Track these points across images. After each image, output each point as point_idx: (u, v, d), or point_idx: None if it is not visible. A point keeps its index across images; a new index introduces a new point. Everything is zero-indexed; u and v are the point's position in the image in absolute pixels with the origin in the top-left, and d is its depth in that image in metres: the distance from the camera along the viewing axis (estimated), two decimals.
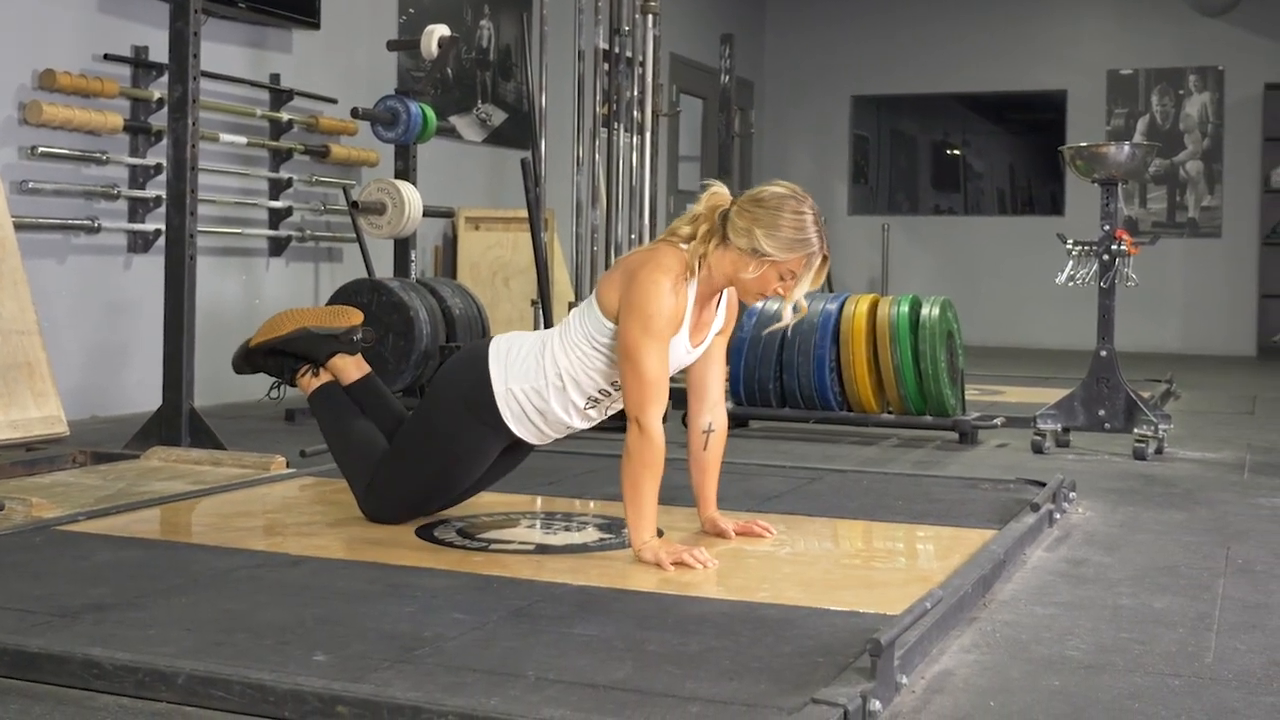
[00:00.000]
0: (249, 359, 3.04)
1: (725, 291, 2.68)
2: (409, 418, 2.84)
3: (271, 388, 3.08)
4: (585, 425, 2.72)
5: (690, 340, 2.62)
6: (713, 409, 2.76)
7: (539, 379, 2.63)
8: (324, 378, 2.96)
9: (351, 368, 2.97)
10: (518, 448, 2.79)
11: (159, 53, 4.88)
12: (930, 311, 4.65)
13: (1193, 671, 1.98)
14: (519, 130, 7.40)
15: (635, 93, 5.33)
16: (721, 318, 2.71)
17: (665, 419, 2.60)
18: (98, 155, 4.89)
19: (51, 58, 4.76)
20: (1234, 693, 1.89)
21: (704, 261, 2.54)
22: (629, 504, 2.51)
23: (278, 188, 5.82)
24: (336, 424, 2.90)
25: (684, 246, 2.56)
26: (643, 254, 2.60)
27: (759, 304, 4.97)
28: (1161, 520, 3.22)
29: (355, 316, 2.99)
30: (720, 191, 2.61)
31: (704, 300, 2.62)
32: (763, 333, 3.78)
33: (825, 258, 2.54)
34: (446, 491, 2.81)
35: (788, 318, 2.67)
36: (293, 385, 3.01)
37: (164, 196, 4.30)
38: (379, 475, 2.79)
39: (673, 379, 2.61)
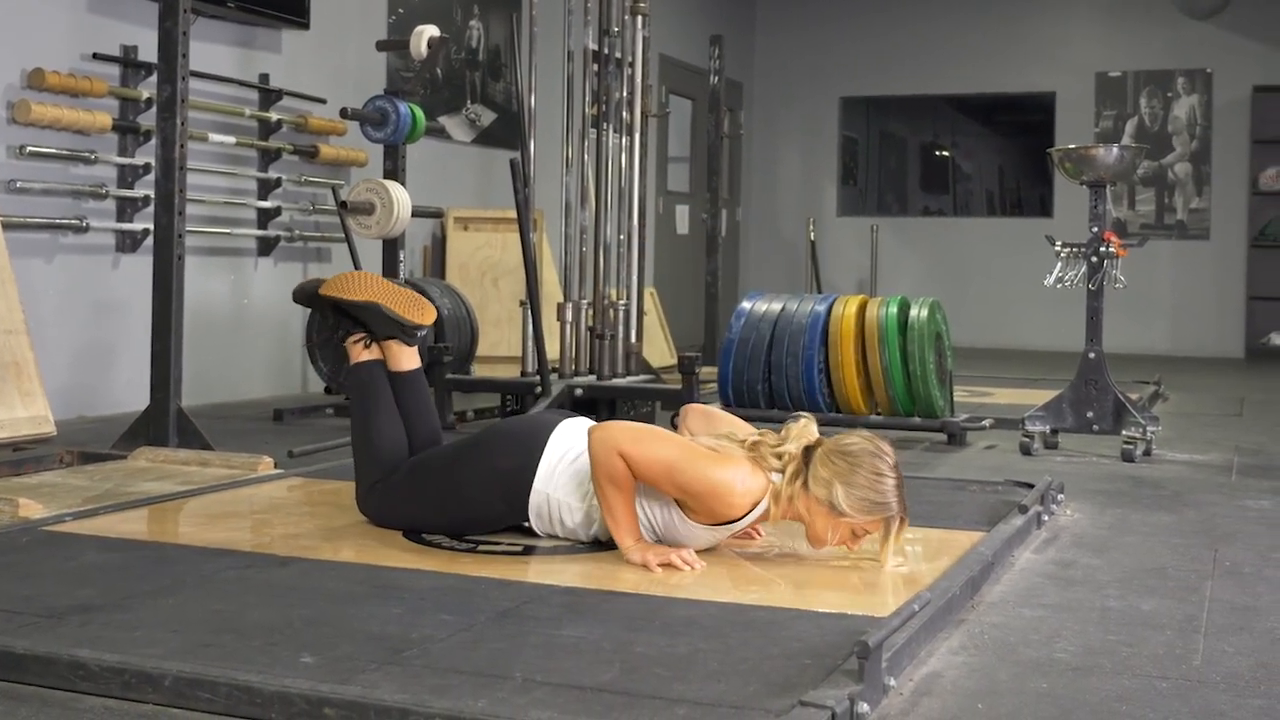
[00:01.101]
0: (312, 301, 2.96)
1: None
2: (443, 454, 2.77)
3: (323, 336, 2.97)
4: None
5: (717, 536, 2.57)
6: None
7: (576, 499, 2.60)
8: (375, 353, 2.89)
9: (404, 357, 2.90)
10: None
11: (148, 52, 4.86)
12: (919, 313, 4.65)
13: (1180, 674, 1.99)
14: (508, 131, 7.39)
15: (624, 93, 5.33)
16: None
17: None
18: (86, 155, 4.88)
19: (40, 57, 4.74)
20: (1222, 695, 1.89)
21: (789, 500, 2.47)
22: (605, 513, 2.52)
23: (266, 187, 5.80)
24: (367, 407, 2.83)
25: (774, 476, 2.48)
26: (736, 455, 2.49)
27: (746, 305, 4.97)
28: (1149, 522, 3.23)
29: (430, 314, 2.90)
30: (810, 428, 2.52)
31: (759, 522, 2.57)
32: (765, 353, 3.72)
33: (904, 520, 2.47)
34: (444, 530, 2.76)
35: (888, 566, 2.52)
36: (342, 343, 2.93)
37: (152, 196, 4.29)
38: (390, 486, 2.76)
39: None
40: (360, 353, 2.89)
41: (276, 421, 4.96)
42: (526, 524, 2.69)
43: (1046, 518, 3.13)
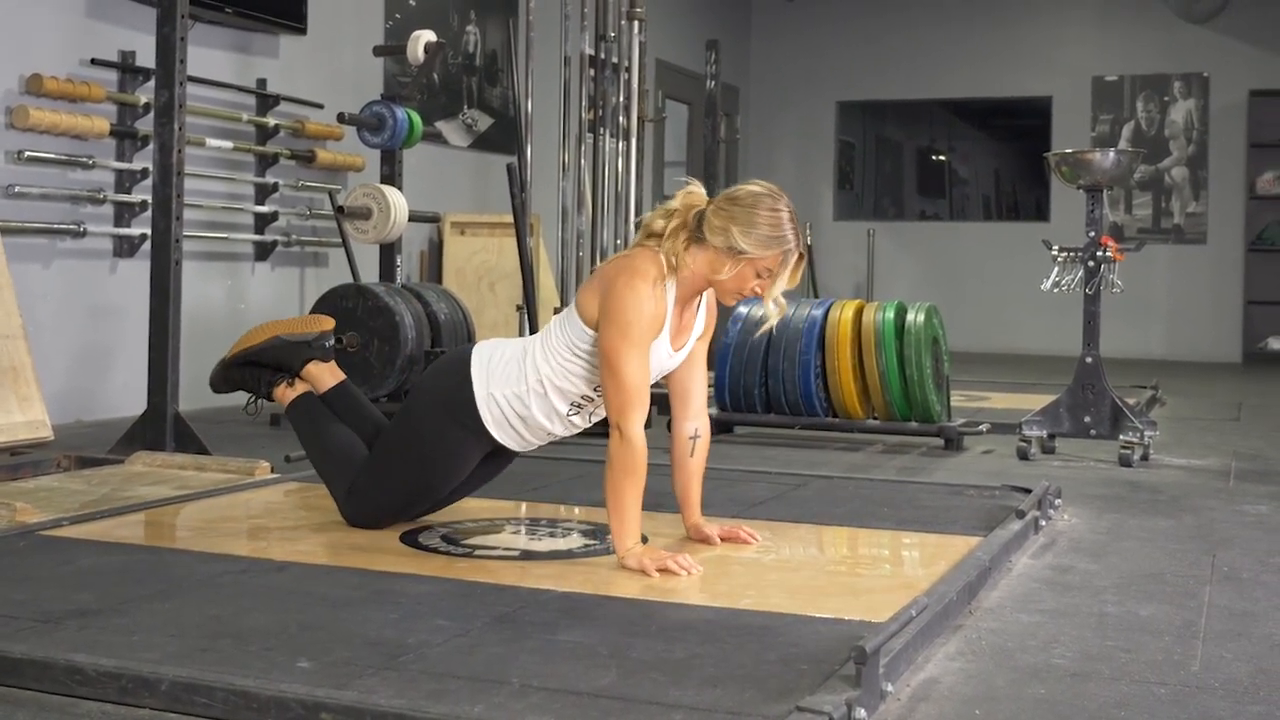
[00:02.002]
0: (226, 375, 3.06)
1: (705, 295, 2.68)
2: (390, 422, 2.83)
3: (248, 403, 3.08)
4: (567, 432, 2.72)
5: (672, 344, 2.62)
6: (697, 416, 2.76)
7: (520, 385, 2.64)
8: (300, 388, 2.97)
9: (326, 375, 2.97)
10: (500, 454, 2.79)
11: (146, 57, 4.86)
12: (915, 317, 4.65)
13: (1179, 680, 1.99)
14: (505, 135, 7.39)
15: (621, 98, 5.33)
16: (702, 322, 2.71)
17: (649, 425, 2.60)
18: (84, 160, 4.88)
19: (38, 62, 4.74)
20: (1220, 701, 1.89)
21: (680, 262, 2.54)
22: (612, 511, 2.51)
23: (263, 192, 5.80)
24: (314, 432, 2.90)
25: (660, 248, 2.56)
26: (620, 260, 2.60)
27: (743, 309, 4.98)
28: (1147, 527, 3.23)
29: (326, 323, 3.01)
30: (696, 191, 2.62)
31: (683, 302, 2.62)
32: (753, 337, 3.79)
33: (801, 255, 2.56)
34: (427, 497, 2.80)
35: (771, 316, 2.67)
36: (269, 399, 3.01)
37: (150, 201, 4.28)
38: (359, 480, 2.79)
39: (655, 384, 2.61)
40: (287, 394, 2.97)
41: (273, 427, 4.96)
42: (497, 446, 2.70)
43: (1044, 523, 3.13)
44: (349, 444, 2.85)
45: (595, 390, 2.63)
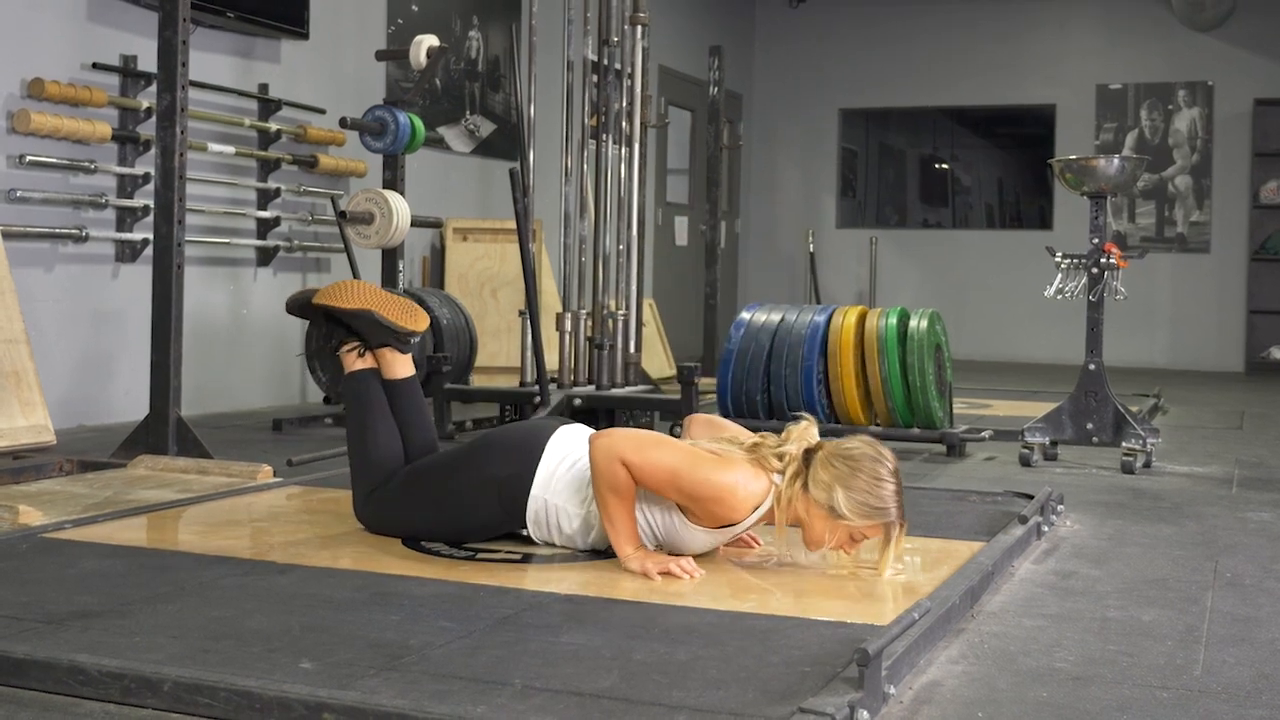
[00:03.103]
0: (304, 310, 2.96)
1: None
2: (440, 460, 2.77)
3: (317, 346, 2.99)
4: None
5: (718, 539, 2.58)
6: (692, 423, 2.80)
7: (577, 506, 2.60)
8: (369, 362, 2.89)
9: (399, 365, 2.89)
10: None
11: (148, 62, 4.87)
12: (918, 324, 4.65)
13: (1181, 684, 1.98)
14: (507, 141, 7.40)
15: (624, 104, 5.34)
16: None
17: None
18: (86, 164, 4.88)
19: (40, 67, 4.75)
20: (1223, 705, 1.89)
21: (788, 502, 2.47)
22: (605, 521, 2.51)
23: (266, 197, 5.81)
24: (362, 416, 2.83)
25: (775, 478, 2.49)
26: (739, 459, 2.49)
27: (745, 315, 4.98)
28: (1149, 534, 3.23)
29: (423, 320, 2.90)
30: (812, 430, 2.53)
31: (759, 524, 2.57)
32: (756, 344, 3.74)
33: (903, 525, 2.47)
34: (441, 537, 2.76)
35: (886, 575, 2.52)
36: (335, 353, 2.93)
37: (152, 206, 4.29)
38: (387, 493, 2.76)
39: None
40: (354, 361, 2.89)
41: (275, 431, 4.96)
42: (524, 531, 2.69)
43: (1046, 528, 3.13)
44: (389, 448, 2.80)
45: (648, 540, 2.57)
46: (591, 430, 2.71)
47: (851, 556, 2.53)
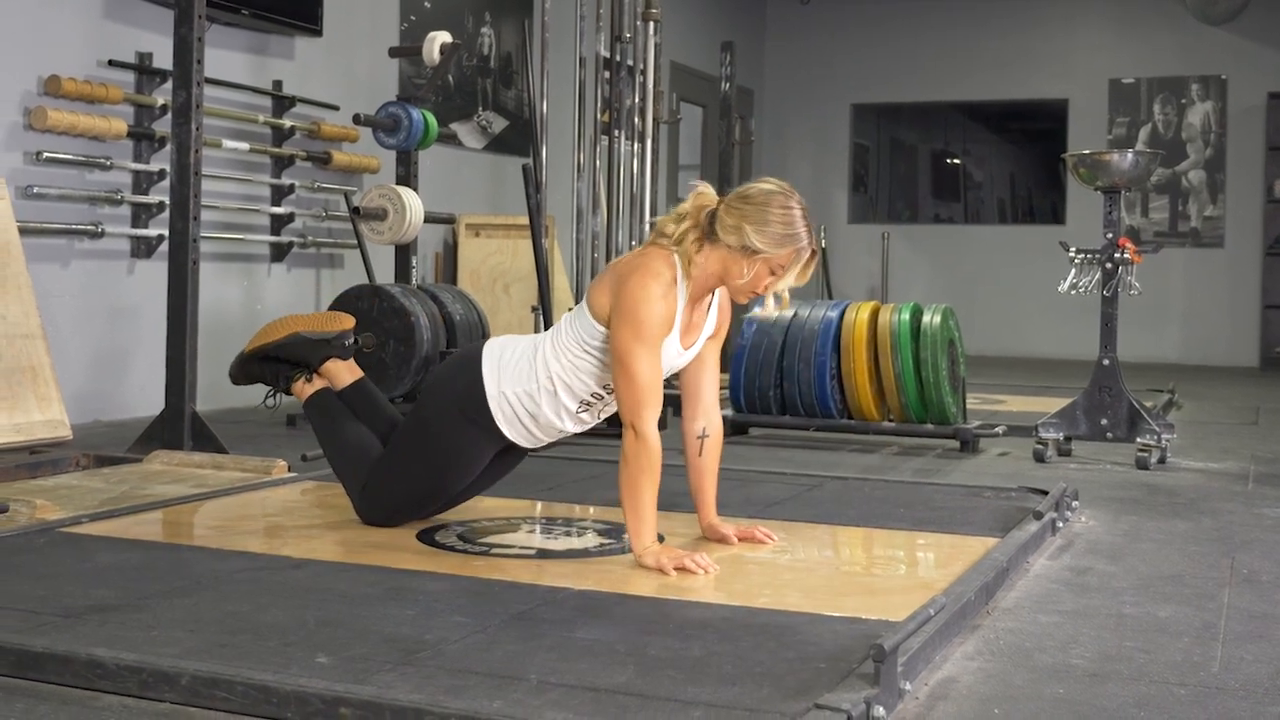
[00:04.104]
0: (244, 368, 3.06)
1: (717, 295, 2.68)
2: (403, 420, 2.84)
3: (267, 396, 3.09)
4: (577, 429, 2.72)
5: (681, 342, 2.62)
6: (706, 413, 2.76)
7: (531, 382, 2.64)
8: (318, 384, 2.98)
9: (344, 372, 2.98)
10: (510, 451, 2.79)
11: (163, 59, 4.88)
12: (931, 320, 4.65)
13: (1198, 681, 1.98)
14: (519, 137, 7.40)
15: (636, 100, 5.34)
16: (714, 321, 2.71)
17: (664, 425, 2.60)
18: (102, 160, 4.90)
19: (57, 64, 4.76)
20: (1240, 703, 1.88)
21: (692, 262, 2.54)
22: (628, 510, 2.51)
23: (280, 194, 5.82)
24: (330, 429, 2.91)
25: (673, 248, 2.56)
26: (632, 259, 2.60)
27: (759, 310, 4.97)
28: (1165, 530, 3.22)
29: (347, 321, 3.01)
30: (706, 191, 2.61)
31: (694, 301, 2.62)
32: (746, 315, 3.77)
33: (814, 252, 2.56)
34: (440, 494, 2.81)
35: (769, 307, 2.67)
36: (288, 393, 3.02)
37: (167, 202, 4.30)
38: (374, 478, 2.80)
39: (668, 383, 2.61)
40: (305, 389, 2.98)
41: (289, 426, 4.98)
42: (509, 443, 2.71)
43: (1061, 524, 3.12)
44: (364, 442, 2.86)
45: (605, 388, 2.63)
46: (514, 335, 2.80)
47: (773, 289, 2.57)
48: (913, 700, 1.85)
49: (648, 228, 5.37)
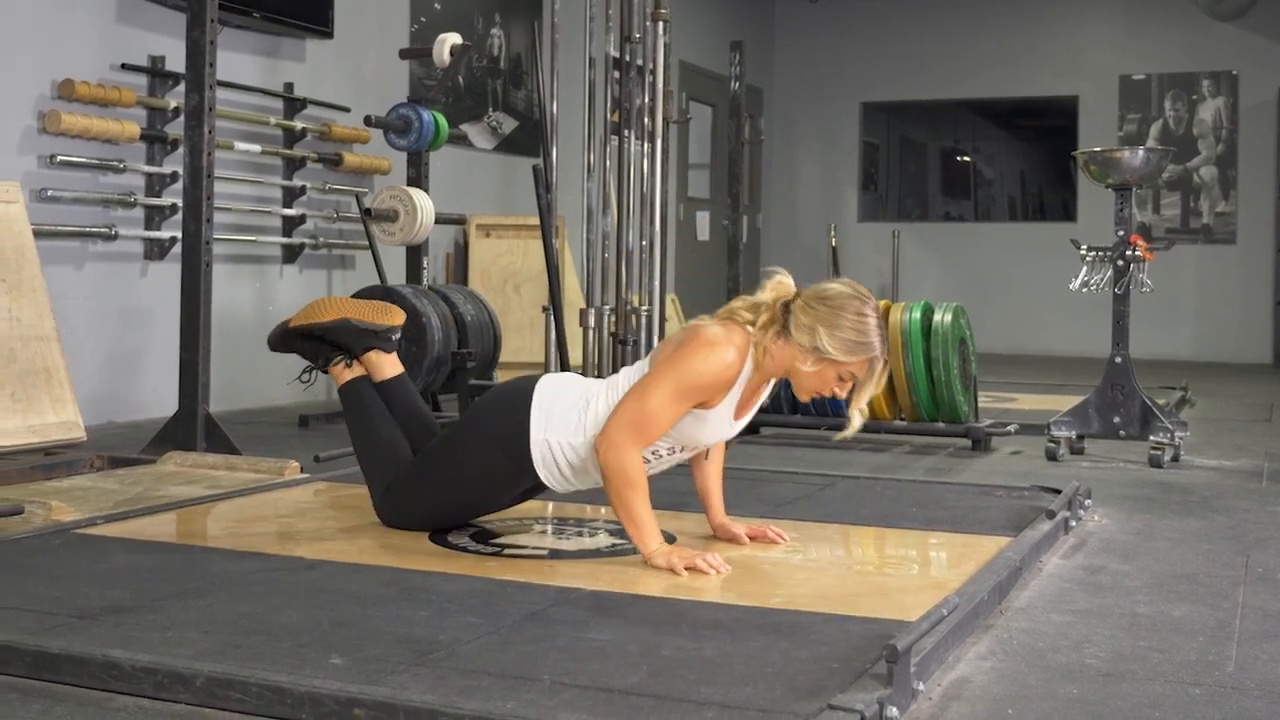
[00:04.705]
0: (286, 340, 3.02)
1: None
2: (441, 438, 2.80)
3: (303, 372, 3.06)
4: None
5: (736, 415, 2.61)
6: None
7: (578, 435, 2.61)
8: (357, 370, 2.94)
9: (386, 365, 2.94)
10: (538, 486, 2.78)
11: (175, 62, 4.90)
12: (943, 318, 4.64)
13: (1214, 680, 1.97)
14: (530, 138, 7.41)
15: (646, 100, 5.33)
16: (767, 395, 2.71)
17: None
18: (115, 163, 4.92)
19: (70, 67, 4.78)
20: (1257, 702, 1.88)
21: (767, 351, 2.52)
22: (625, 522, 2.52)
23: (291, 195, 5.84)
24: (363, 420, 2.87)
25: (750, 330, 2.54)
26: (713, 323, 2.57)
27: (843, 434, 4.96)
28: (1179, 528, 3.21)
29: (398, 315, 2.96)
30: (786, 281, 2.58)
31: (756, 384, 2.60)
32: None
33: (886, 362, 2.53)
34: (461, 514, 2.81)
35: (856, 424, 2.61)
36: (325, 372, 2.98)
37: (180, 204, 4.32)
38: (400, 483, 2.79)
39: None
40: (344, 374, 2.95)
41: (302, 427, 4.99)
42: (539, 483, 2.69)
43: (1074, 523, 3.12)
44: (394, 443, 2.83)
45: (654, 453, 2.59)
46: (574, 375, 2.77)
47: (856, 404, 2.56)
48: (926, 700, 1.85)
49: (658, 228, 5.36)
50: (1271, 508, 3.52)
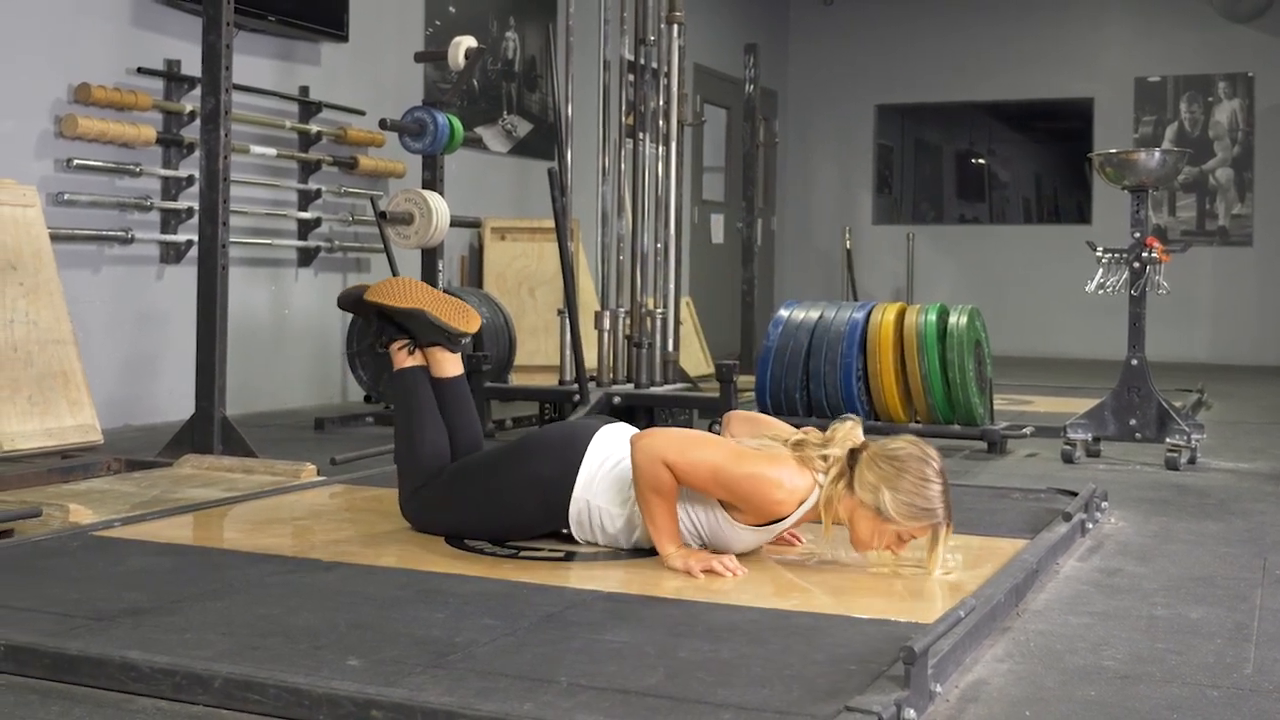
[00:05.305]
0: (357, 307, 2.98)
1: None
2: (486, 458, 2.79)
3: (366, 343, 3.01)
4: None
5: (763, 538, 2.58)
6: (730, 424, 2.80)
7: (620, 506, 2.61)
8: (418, 359, 2.91)
9: (449, 363, 2.91)
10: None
11: (191, 66, 4.92)
12: (958, 320, 4.63)
13: (1231, 683, 1.97)
14: (544, 141, 7.42)
15: (660, 103, 5.34)
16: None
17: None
18: (131, 167, 4.94)
19: (86, 72, 4.81)
20: (1275, 704, 1.87)
21: (831, 500, 2.47)
22: (646, 520, 2.53)
23: (307, 199, 5.85)
24: (411, 413, 2.85)
25: (820, 476, 2.49)
26: (788, 452, 2.51)
27: (784, 312, 4.97)
28: (1196, 530, 3.20)
29: (475, 322, 2.92)
30: (857, 430, 2.53)
31: (806, 519, 2.56)
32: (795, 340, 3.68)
33: (949, 528, 2.47)
34: (484, 535, 2.78)
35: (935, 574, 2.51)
36: (384, 349, 2.94)
37: (196, 208, 4.33)
38: (431, 490, 2.78)
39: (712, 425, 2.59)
40: (404, 359, 2.91)
41: (318, 430, 5.00)
42: (566, 530, 2.70)
43: (1091, 525, 3.11)
44: (436, 447, 2.82)
45: (693, 539, 2.58)
46: (634, 430, 2.71)
47: (898, 558, 2.52)
48: (943, 703, 1.85)
49: (672, 231, 5.36)
50: None
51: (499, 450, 2.81)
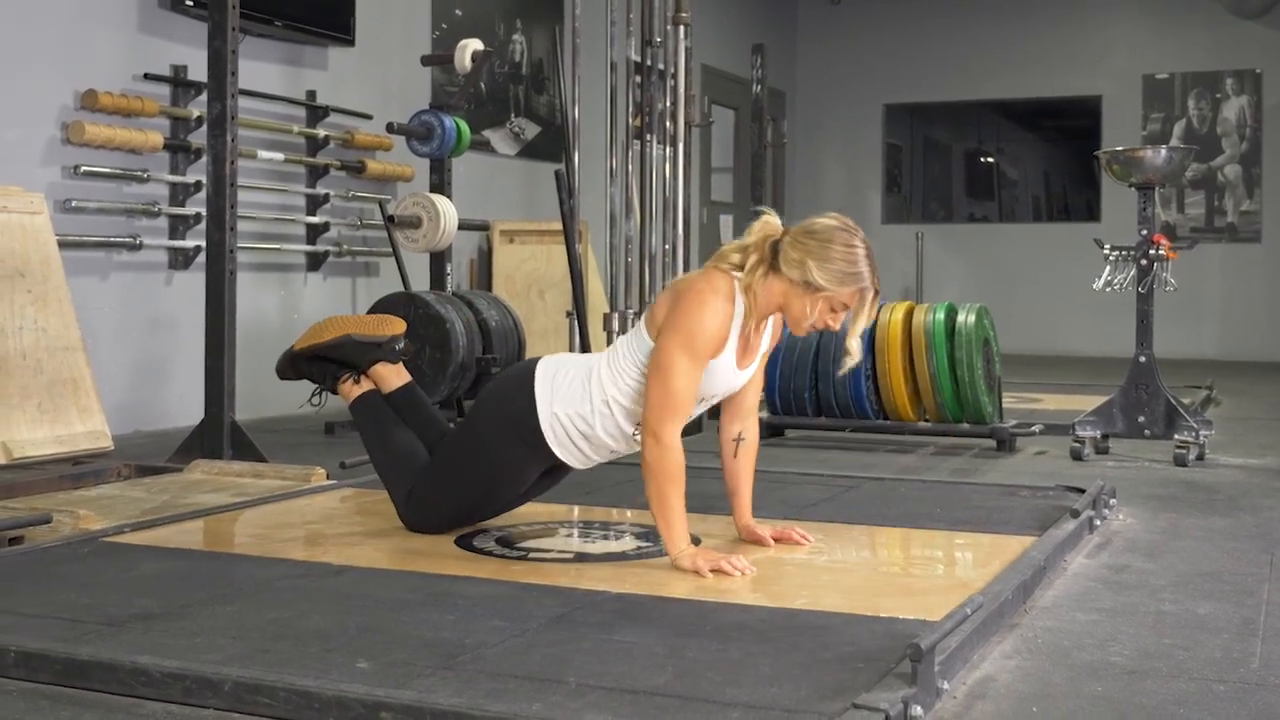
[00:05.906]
0: (293, 365, 3.07)
1: (771, 316, 2.68)
2: (453, 432, 2.86)
3: (313, 394, 3.10)
4: (631, 450, 2.72)
5: (738, 364, 2.63)
6: (744, 419, 2.77)
7: (585, 405, 2.64)
8: (365, 385, 2.98)
9: (392, 376, 2.99)
10: (559, 468, 2.80)
11: (198, 71, 4.94)
12: (966, 319, 4.63)
13: (1238, 677, 1.97)
14: (552, 143, 7.43)
15: (667, 104, 5.34)
16: (767, 342, 2.72)
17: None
18: (139, 173, 4.96)
19: (93, 78, 4.83)
20: None
21: (753, 290, 2.55)
22: (658, 517, 2.53)
23: (315, 203, 5.87)
24: (377, 432, 2.92)
25: (735, 274, 2.57)
26: (692, 278, 2.62)
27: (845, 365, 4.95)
28: (1204, 526, 3.19)
29: (398, 325, 3.01)
30: (772, 220, 2.61)
31: (751, 327, 2.62)
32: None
33: (877, 292, 2.55)
34: (486, 506, 2.84)
35: (853, 355, 2.64)
36: (334, 392, 3.03)
37: (204, 213, 4.35)
38: (420, 486, 2.82)
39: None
40: (352, 389, 2.99)
41: (327, 434, 5.02)
42: (557, 462, 2.71)
43: (1099, 523, 3.10)
44: (410, 448, 2.87)
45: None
46: (566, 353, 2.78)
47: (853, 333, 2.57)
48: (950, 699, 1.85)
49: (680, 232, 5.37)
50: None
51: (461, 421, 2.85)
